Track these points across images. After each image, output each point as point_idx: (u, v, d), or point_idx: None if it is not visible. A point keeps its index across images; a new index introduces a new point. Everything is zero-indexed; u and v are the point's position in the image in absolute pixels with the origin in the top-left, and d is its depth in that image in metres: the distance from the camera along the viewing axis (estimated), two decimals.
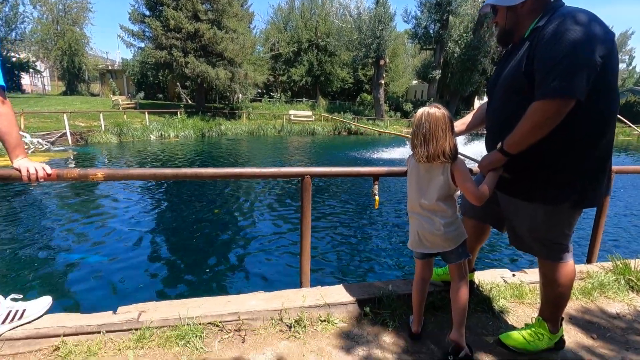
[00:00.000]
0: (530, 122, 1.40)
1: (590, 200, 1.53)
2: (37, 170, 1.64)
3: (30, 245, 4.64)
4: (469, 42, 28.37)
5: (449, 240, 1.64)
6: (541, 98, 1.36)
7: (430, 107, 1.59)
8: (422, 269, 1.80)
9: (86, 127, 16.95)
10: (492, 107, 1.71)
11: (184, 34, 21.06)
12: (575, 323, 2.03)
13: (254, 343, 1.75)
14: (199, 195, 7.61)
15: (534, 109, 1.39)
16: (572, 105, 1.33)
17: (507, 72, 1.57)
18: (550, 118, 1.36)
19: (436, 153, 1.55)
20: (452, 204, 1.65)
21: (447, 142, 1.55)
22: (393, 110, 32.12)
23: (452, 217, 1.63)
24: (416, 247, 1.74)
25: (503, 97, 1.60)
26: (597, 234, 2.79)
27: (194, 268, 4.23)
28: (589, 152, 1.45)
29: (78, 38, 30.47)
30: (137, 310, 1.84)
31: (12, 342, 1.63)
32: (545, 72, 1.34)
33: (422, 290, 1.80)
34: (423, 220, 1.67)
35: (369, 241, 5.21)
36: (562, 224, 1.58)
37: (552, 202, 1.52)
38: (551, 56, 1.33)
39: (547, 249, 1.63)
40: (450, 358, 1.64)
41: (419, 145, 1.58)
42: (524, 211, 1.62)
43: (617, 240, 5.43)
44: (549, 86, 1.32)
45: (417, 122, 1.59)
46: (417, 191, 1.69)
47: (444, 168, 1.59)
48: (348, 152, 16.19)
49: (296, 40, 32.61)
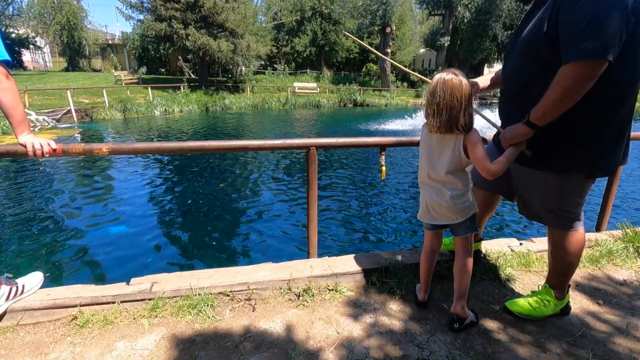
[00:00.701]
0: (559, 88, 1.29)
1: (606, 169, 1.48)
2: (42, 145, 1.64)
3: (39, 220, 4.75)
4: (480, 6, 27.11)
5: (457, 213, 1.60)
6: (571, 61, 1.25)
7: (447, 73, 1.47)
8: (431, 240, 1.79)
9: (90, 104, 16.88)
10: (508, 71, 1.60)
11: (183, 3, 20.40)
12: (582, 290, 2.05)
13: (264, 311, 1.80)
14: (206, 169, 7.64)
15: (563, 73, 1.28)
16: (604, 68, 1.24)
17: (525, 33, 1.46)
18: (581, 83, 1.26)
19: (449, 124, 1.46)
20: (463, 176, 1.59)
21: (462, 112, 1.45)
22: (400, 80, 31.35)
23: (462, 189, 1.58)
24: (425, 217, 1.72)
25: (521, 61, 1.50)
26: (608, 202, 2.75)
27: (202, 240, 4.31)
28: (608, 120, 1.38)
29: (76, 11, 29.78)
30: (149, 281, 1.90)
31: (32, 312, 1.69)
32: (573, 34, 1.24)
33: (430, 260, 1.81)
34: (432, 191, 1.63)
35: (376, 212, 5.23)
36: (576, 193, 1.54)
37: (567, 170, 1.47)
38: (579, 16, 1.23)
39: (559, 218, 1.60)
40: (455, 325, 1.67)
41: (432, 114, 1.50)
42: (536, 179, 1.57)
43: (628, 209, 5.37)
44: (579, 48, 1.22)
45: (432, 90, 1.48)
46: (428, 162, 1.63)
47: (457, 139, 1.52)
48: (354, 124, 15.99)
49: (299, 9, 31.45)
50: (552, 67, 1.34)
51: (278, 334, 1.64)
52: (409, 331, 1.67)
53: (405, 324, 1.72)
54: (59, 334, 1.61)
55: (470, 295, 1.95)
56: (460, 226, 1.64)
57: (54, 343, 1.56)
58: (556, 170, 1.49)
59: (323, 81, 29.96)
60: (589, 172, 1.47)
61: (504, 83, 1.65)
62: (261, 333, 1.64)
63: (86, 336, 1.60)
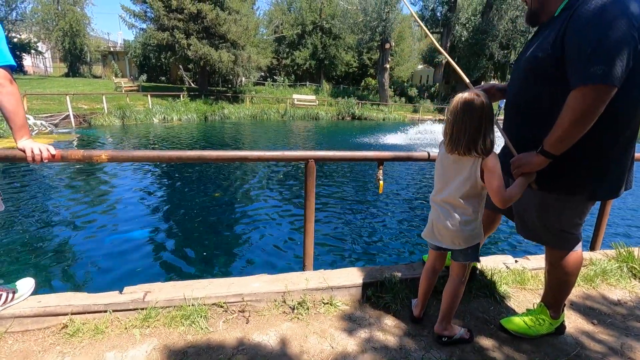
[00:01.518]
0: (571, 114, 1.25)
1: (609, 192, 1.46)
2: (42, 150, 1.64)
3: (32, 226, 4.69)
4: (477, 26, 27.73)
5: (461, 239, 1.54)
6: (579, 85, 1.23)
7: (470, 93, 1.40)
8: (434, 260, 1.75)
9: (89, 110, 16.89)
10: (513, 92, 1.59)
11: (186, 14, 20.69)
12: (577, 309, 2.05)
13: (258, 324, 1.78)
14: (203, 178, 7.63)
15: (573, 98, 1.25)
16: (613, 93, 1.21)
17: (530, 53, 1.44)
18: (593, 106, 1.23)
19: (467, 147, 1.40)
20: (475, 202, 1.51)
21: (481, 136, 1.38)
22: (398, 95, 31.73)
23: (471, 216, 1.51)
24: (429, 237, 1.67)
25: (526, 80, 1.48)
26: (602, 222, 2.78)
27: (197, 250, 4.28)
28: (611, 142, 1.37)
29: (79, 18, 30.06)
30: (142, 290, 1.87)
31: (21, 320, 1.66)
32: (583, 57, 1.22)
33: (430, 279, 1.78)
34: (441, 212, 1.56)
35: (373, 226, 5.23)
36: (575, 214, 1.53)
37: (569, 192, 1.46)
38: (587, 39, 1.21)
39: (557, 238, 1.60)
40: (444, 339, 1.67)
41: (450, 135, 1.44)
42: (536, 200, 1.56)
43: (622, 229, 5.41)
44: (588, 72, 1.20)
45: (453, 109, 1.42)
46: (441, 182, 1.57)
47: (474, 163, 1.44)
48: (352, 137, 16.10)
49: (300, 23, 32.01)
50: (556, 86, 1.34)
51: (271, 348, 1.62)
52: (404, 347, 1.66)
53: (400, 340, 1.70)
54: (48, 343, 1.58)
55: (466, 311, 1.95)
56: (460, 252, 1.59)
57: (43, 352, 1.53)
58: (558, 192, 1.48)
59: (322, 94, 30.26)
60: (591, 194, 1.45)
61: (509, 101, 1.64)
62: (254, 346, 1.62)
63: (76, 346, 1.57)
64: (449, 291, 1.65)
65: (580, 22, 1.24)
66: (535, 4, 1.49)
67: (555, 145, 1.33)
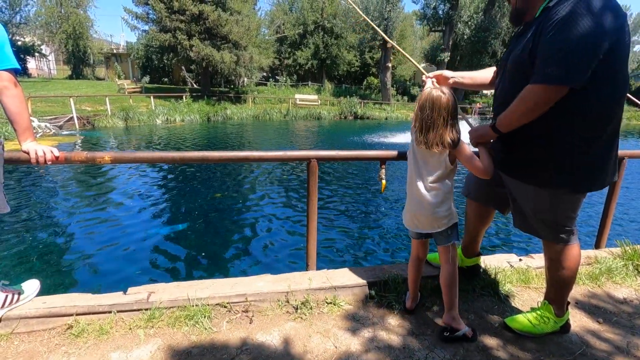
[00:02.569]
0: (521, 104, 1.41)
1: (591, 185, 1.51)
2: (46, 152, 1.65)
3: (37, 228, 4.73)
4: (480, 24, 27.62)
5: (438, 221, 1.63)
6: (534, 82, 1.36)
7: (436, 90, 1.52)
8: (417, 248, 1.84)
9: (93, 112, 17.00)
10: (500, 89, 1.67)
11: (188, 16, 20.76)
12: (582, 307, 2.03)
13: (261, 324, 1.78)
14: (206, 179, 7.65)
15: (526, 91, 1.38)
16: (563, 94, 1.33)
17: (514, 53, 1.53)
18: (539, 104, 1.36)
19: (434, 141, 1.50)
20: (446, 184, 1.62)
21: (447, 130, 1.50)
22: (400, 94, 31.68)
23: (443, 197, 1.62)
24: (409, 224, 1.77)
25: (510, 80, 1.56)
26: (607, 220, 2.76)
27: (200, 251, 4.29)
28: (592, 137, 1.42)
29: (82, 21, 30.24)
30: (146, 291, 1.88)
31: (27, 321, 1.68)
32: (543, 57, 1.32)
33: (416, 268, 1.84)
34: (416, 199, 1.67)
35: (375, 225, 5.22)
36: (566, 207, 1.57)
37: (553, 185, 1.51)
38: (552, 42, 1.30)
39: (552, 231, 1.62)
40: (446, 334, 1.68)
41: (419, 130, 1.55)
42: (528, 193, 1.61)
43: (627, 227, 5.37)
44: (544, 72, 1.32)
45: (420, 105, 1.54)
46: (414, 172, 1.68)
47: (443, 153, 1.56)
48: (354, 137, 16.09)
49: (302, 22, 32.00)
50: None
51: (275, 347, 1.62)
52: (407, 346, 1.65)
53: (404, 339, 1.70)
54: (54, 344, 1.59)
55: (470, 310, 1.94)
56: (441, 235, 1.67)
57: (48, 353, 1.54)
58: (543, 185, 1.53)
59: (324, 93, 30.25)
60: (574, 187, 1.51)
61: (497, 98, 1.71)
62: (258, 346, 1.62)
63: (81, 346, 1.58)
64: (444, 277, 1.70)
65: (549, 24, 1.33)
66: (520, 3, 1.54)
67: (502, 125, 1.52)
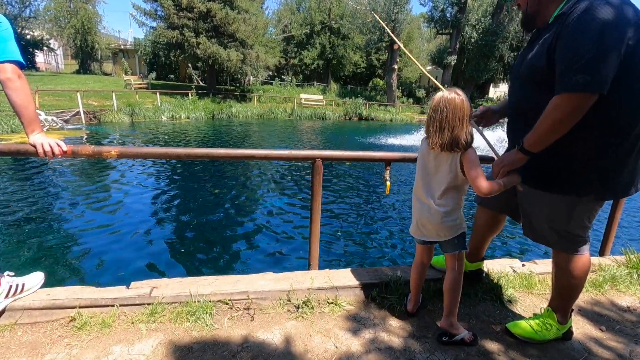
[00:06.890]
0: (550, 119, 1.33)
1: (617, 192, 1.47)
2: (52, 146, 1.65)
3: (42, 220, 4.76)
4: (487, 27, 27.50)
5: (445, 230, 1.62)
6: (562, 92, 1.29)
7: (450, 92, 1.51)
8: (421, 254, 1.83)
9: (99, 107, 17.09)
10: (512, 97, 1.63)
11: (196, 13, 20.83)
12: (585, 315, 2.02)
13: (263, 322, 1.78)
14: (210, 176, 7.67)
15: (553, 104, 1.32)
16: (593, 100, 1.27)
17: (527, 60, 1.49)
18: (571, 114, 1.29)
19: (450, 142, 1.49)
20: (455, 194, 1.60)
21: (463, 131, 1.48)
22: (405, 96, 31.63)
23: (451, 206, 1.59)
24: (414, 232, 1.76)
25: (524, 86, 1.53)
26: (612, 227, 2.73)
27: (203, 247, 4.30)
28: (617, 143, 1.37)
29: (91, 16, 30.43)
30: (149, 286, 1.89)
31: (31, 312, 1.69)
32: (567, 65, 1.27)
33: (420, 273, 1.84)
34: (423, 205, 1.66)
35: (379, 227, 5.21)
36: (584, 216, 1.53)
37: (575, 193, 1.46)
38: (574, 47, 1.25)
39: (565, 240, 1.59)
40: (444, 338, 1.68)
41: (434, 132, 1.52)
42: (543, 201, 1.56)
43: (633, 234, 5.32)
44: (571, 80, 1.25)
45: (435, 107, 1.51)
46: (423, 178, 1.66)
47: (454, 157, 1.54)
48: (359, 138, 16.07)
49: (309, 22, 32.03)
50: (553, 93, 1.35)
51: (276, 346, 1.62)
52: (408, 349, 1.65)
53: (404, 341, 1.70)
54: (56, 335, 1.61)
55: (471, 315, 1.93)
56: (448, 243, 1.66)
57: (51, 344, 1.55)
58: (566, 193, 1.48)
59: (329, 94, 30.26)
60: (600, 195, 1.46)
61: (509, 107, 1.67)
62: (259, 344, 1.63)
63: (83, 338, 1.59)
64: (448, 282, 1.69)
65: (567, 30, 1.28)
66: (532, 8, 1.50)
67: (533, 145, 1.42)
